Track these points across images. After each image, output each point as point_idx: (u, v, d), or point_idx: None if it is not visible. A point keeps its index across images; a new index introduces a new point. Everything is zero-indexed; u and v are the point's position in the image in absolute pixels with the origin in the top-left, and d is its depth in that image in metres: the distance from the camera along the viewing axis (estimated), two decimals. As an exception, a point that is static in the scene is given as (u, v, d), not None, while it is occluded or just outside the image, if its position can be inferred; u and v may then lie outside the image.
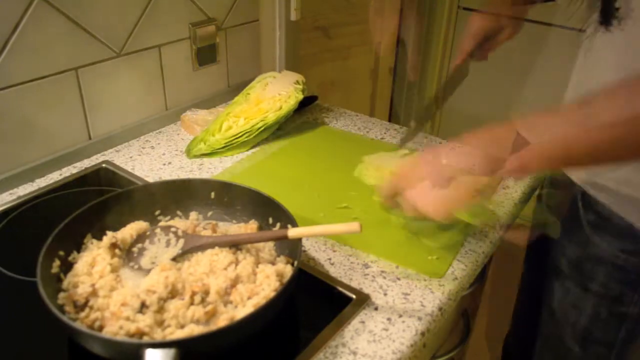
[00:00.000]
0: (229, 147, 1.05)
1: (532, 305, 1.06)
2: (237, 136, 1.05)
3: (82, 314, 0.59)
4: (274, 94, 1.11)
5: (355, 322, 0.67)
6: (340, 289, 0.72)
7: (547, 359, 0.94)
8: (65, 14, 0.91)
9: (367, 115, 1.24)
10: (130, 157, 1.04)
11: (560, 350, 0.90)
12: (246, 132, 1.05)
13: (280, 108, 1.08)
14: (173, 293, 0.62)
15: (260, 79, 1.17)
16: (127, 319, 0.58)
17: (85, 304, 0.61)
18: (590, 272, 0.82)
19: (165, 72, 1.12)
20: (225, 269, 0.65)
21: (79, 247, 0.69)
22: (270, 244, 0.73)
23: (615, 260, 0.78)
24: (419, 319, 0.68)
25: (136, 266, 0.67)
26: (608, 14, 0.71)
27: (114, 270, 0.65)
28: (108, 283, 0.63)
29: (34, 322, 0.65)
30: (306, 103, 1.24)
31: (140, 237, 0.71)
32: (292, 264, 0.68)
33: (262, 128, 1.06)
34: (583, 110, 0.63)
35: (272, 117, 1.07)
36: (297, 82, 1.13)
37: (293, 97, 1.10)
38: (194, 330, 0.57)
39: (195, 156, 1.04)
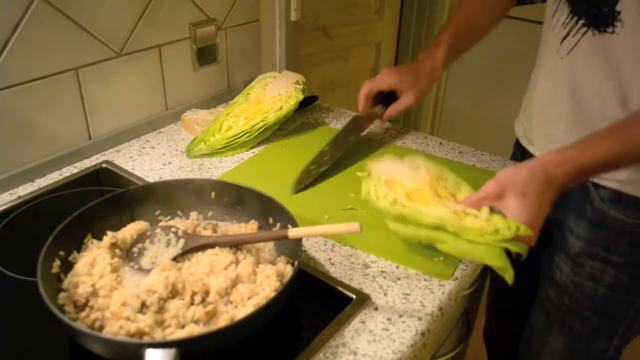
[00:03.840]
0: (229, 147, 1.05)
1: (513, 293, 1.07)
2: (237, 136, 1.05)
3: (83, 314, 0.59)
4: (274, 94, 1.11)
5: (355, 322, 0.67)
6: (340, 289, 0.72)
7: (557, 337, 0.96)
8: (65, 14, 0.91)
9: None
10: (131, 157, 1.04)
11: (573, 323, 0.92)
12: (246, 133, 1.05)
13: (281, 108, 1.08)
14: (173, 293, 0.62)
15: (260, 79, 1.17)
16: (128, 319, 0.58)
17: (86, 304, 0.61)
18: (610, 244, 0.83)
19: (165, 72, 1.12)
20: (226, 269, 0.65)
21: (79, 247, 0.70)
22: (271, 244, 0.73)
23: (637, 227, 0.80)
24: (419, 319, 0.68)
25: (136, 266, 0.67)
26: (604, 17, 0.72)
27: (114, 270, 0.65)
28: (108, 283, 0.63)
29: (34, 322, 0.65)
30: (306, 103, 1.24)
31: (141, 237, 0.71)
32: (292, 264, 0.68)
33: (262, 128, 1.06)
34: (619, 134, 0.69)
35: (272, 117, 1.07)
36: (297, 82, 1.13)
37: (293, 97, 1.10)
38: (194, 330, 0.58)
39: (196, 156, 1.04)
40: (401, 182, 0.75)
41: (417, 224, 0.71)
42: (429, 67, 1.01)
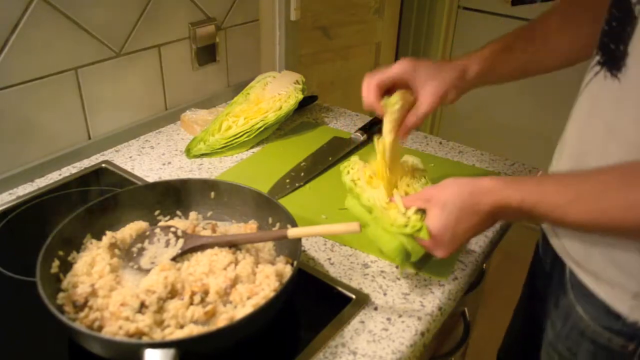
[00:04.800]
0: (229, 147, 1.05)
1: (525, 338, 0.94)
2: (236, 136, 1.05)
3: (82, 314, 0.59)
4: (273, 93, 1.11)
5: (355, 322, 0.67)
6: (340, 289, 0.72)
7: None
8: (64, 13, 0.91)
9: (367, 115, 1.24)
10: (130, 157, 1.04)
11: None
12: (246, 132, 1.05)
13: (280, 108, 1.08)
14: (172, 293, 0.62)
15: (259, 78, 1.17)
16: (127, 319, 0.58)
17: (85, 304, 0.61)
18: (573, 345, 0.70)
19: (165, 72, 1.12)
20: (225, 269, 0.65)
21: (78, 247, 0.69)
22: (270, 244, 0.73)
23: (599, 337, 0.65)
24: (419, 319, 0.68)
25: (136, 266, 0.67)
26: (613, 58, 0.59)
27: (114, 270, 0.65)
28: (107, 283, 0.63)
29: (34, 322, 0.65)
30: (306, 103, 1.24)
31: (140, 237, 0.71)
32: (292, 264, 0.68)
33: (261, 128, 1.06)
34: (573, 187, 0.59)
35: (271, 117, 1.07)
36: (297, 82, 1.13)
37: (292, 97, 1.10)
38: (193, 330, 0.57)
39: (195, 156, 1.04)
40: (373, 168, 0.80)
41: (359, 202, 0.75)
42: (461, 64, 0.78)
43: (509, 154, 1.11)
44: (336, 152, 1.04)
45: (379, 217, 0.71)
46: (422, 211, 0.69)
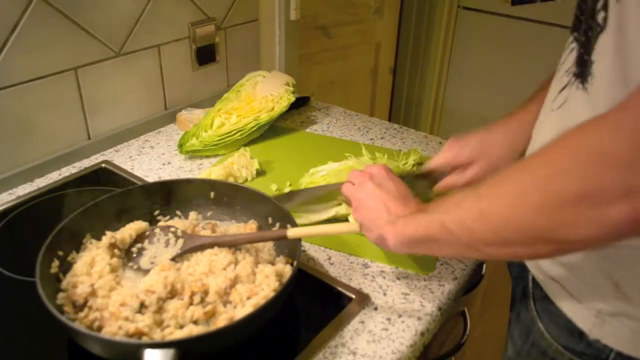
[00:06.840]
0: (222, 144, 1.04)
1: None
2: (230, 134, 1.04)
3: (81, 314, 0.59)
4: (265, 93, 1.11)
5: (354, 322, 0.67)
6: (340, 288, 0.72)
7: None
8: (64, 13, 0.91)
9: (367, 115, 1.24)
10: (130, 157, 1.04)
11: None
12: (239, 131, 1.05)
13: (273, 109, 1.08)
14: (172, 293, 0.62)
15: (249, 77, 1.17)
16: (126, 319, 0.58)
17: (85, 304, 0.61)
18: None
19: (164, 72, 1.12)
20: (225, 269, 0.65)
21: (78, 247, 0.69)
22: (270, 244, 0.73)
23: (560, 358, 0.61)
24: (419, 319, 0.68)
25: (135, 266, 0.67)
26: (582, 67, 0.55)
27: (113, 270, 0.65)
28: (107, 283, 0.63)
29: (34, 323, 0.65)
30: (300, 104, 1.24)
31: (140, 237, 0.71)
32: (292, 264, 0.68)
33: (254, 127, 1.06)
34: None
35: (264, 117, 1.07)
36: (288, 84, 1.13)
37: (285, 99, 1.10)
38: (193, 330, 0.57)
39: (188, 152, 1.03)
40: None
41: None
42: (510, 135, 0.78)
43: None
44: None
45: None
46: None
